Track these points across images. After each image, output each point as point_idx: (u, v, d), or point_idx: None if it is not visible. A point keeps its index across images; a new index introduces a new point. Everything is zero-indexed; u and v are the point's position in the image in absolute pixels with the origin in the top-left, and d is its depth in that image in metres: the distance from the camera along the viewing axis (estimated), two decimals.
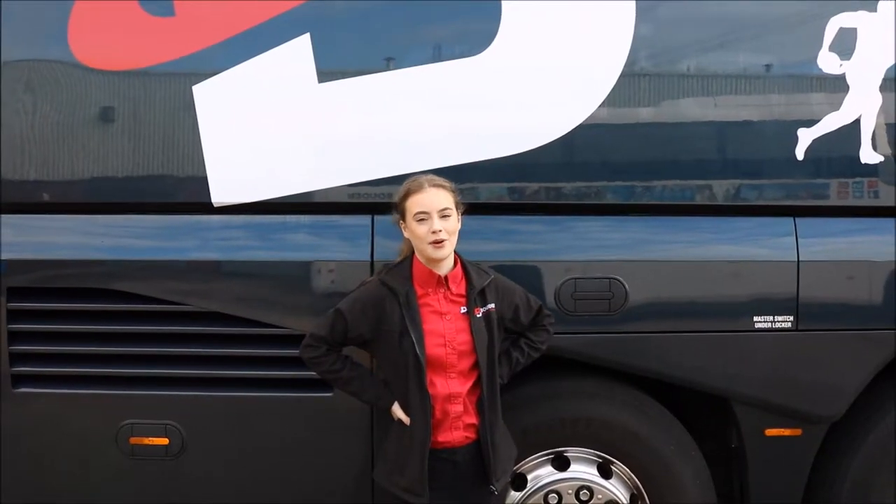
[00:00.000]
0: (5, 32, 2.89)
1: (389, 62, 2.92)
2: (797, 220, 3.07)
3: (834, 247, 3.10)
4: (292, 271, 2.97)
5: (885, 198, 3.08)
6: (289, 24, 2.88)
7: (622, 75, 2.95)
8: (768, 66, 3.05)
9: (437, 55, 2.92)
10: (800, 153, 3.01)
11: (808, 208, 3.08)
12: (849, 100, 3.01)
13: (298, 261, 2.97)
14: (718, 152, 3.06)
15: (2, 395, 2.94)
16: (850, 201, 3.09)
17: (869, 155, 3.04)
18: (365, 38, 2.94)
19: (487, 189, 2.98)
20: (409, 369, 2.44)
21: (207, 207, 2.92)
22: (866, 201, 3.09)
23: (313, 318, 2.80)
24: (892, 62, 3.04)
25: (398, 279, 2.50)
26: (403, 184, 2.55)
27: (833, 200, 3.09)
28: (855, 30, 3.02)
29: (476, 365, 2.48)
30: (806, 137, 3.01)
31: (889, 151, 3.05)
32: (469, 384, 2.50)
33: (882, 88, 3.02)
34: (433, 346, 2.44)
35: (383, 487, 2.57)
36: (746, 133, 3.04)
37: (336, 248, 2.97)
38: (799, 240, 3.06)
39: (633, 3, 2.93)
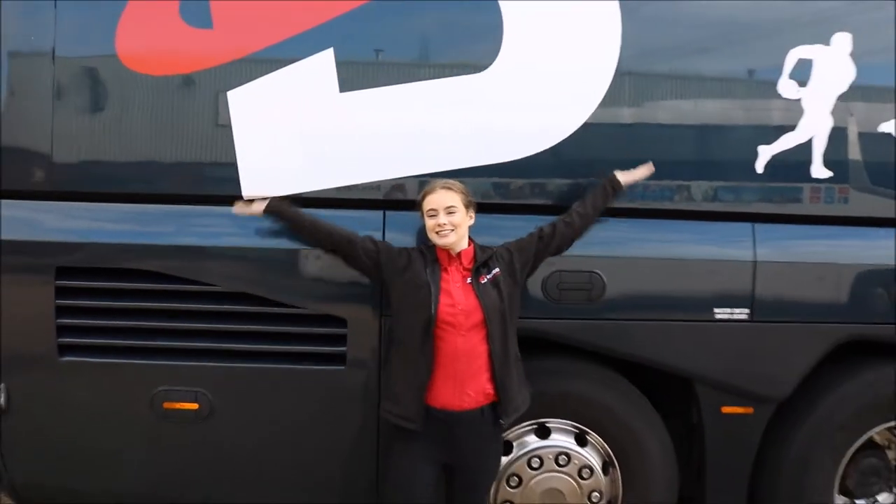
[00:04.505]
0: (59, 33, 3.21)
1: (404, 76, 3.29)
2: (755, 225, 3.50)
3: (786, 249, 3.51)
4: (310, 258, 3.34)
5: (832, 208, 3.51)
6: (315, 40, 3.22)
7: (602, 101, 3.34)
8: (734, 96, 3.46)
9: (448, 72, 3.29)
10: (759, 167, 3.44)
11: (764, 215, 3.50)
12: (804, 122, 3.44)
13: (313, 248, 3.33)
14: (688, 166, 3.46)
15: (49, 363, 3.28)
16: (803, 210, 3.51)
17: (819, 171, 3.47)
18: (382, 54, 3.31)
19: (486, 190, 3.36)
20: (420, 317, 2.89)
21: (238, 199, 3.27)
22: (816, 210, 3.51)
23: (326, 300, 3.29)
24: (843, 90, 3.48)
25: (430, 250, 3.00)
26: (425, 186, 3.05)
27: (787, 209, 3.50)
28: (811, 60, 3.45)
29: (484, 323, 2.91)
30: (765, 154, 3.44)
31: (836, 168, 3.49)
32: (479, 339, 2.91)
33: (832, 113, 3.46)
34: (444, 304, 2.90)
35: (383, 417, 3.06)
36: (714, 150, 3.45)
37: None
38: (756, 242, 3.50)
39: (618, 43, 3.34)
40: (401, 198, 3.28)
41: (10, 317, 3.27)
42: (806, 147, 3.45)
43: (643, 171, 3.29)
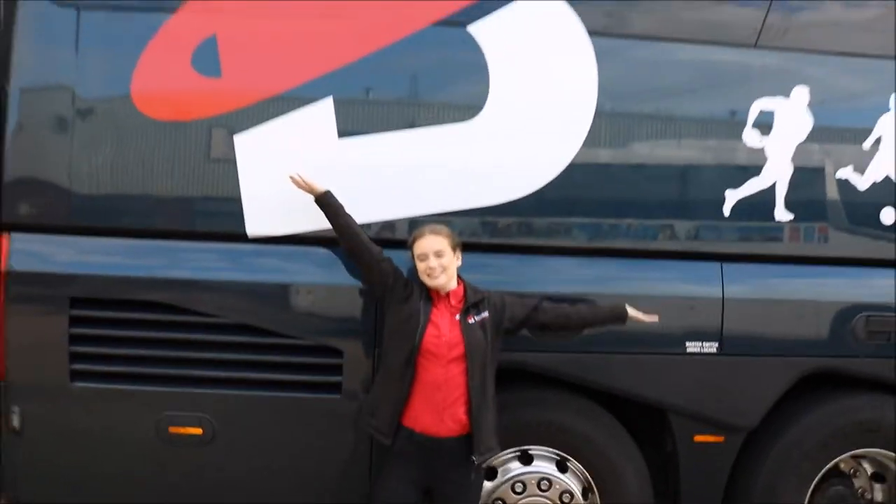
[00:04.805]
0: (78, 80, 3.46)
1: (399, 123, 3.55)
2: (723, 264, 3.76)
3: (752, 287, 3.78)
4: (306, 292, 3.56)
5: (795, 248, 3.79)
6: (315, 89, 3.49)
7: (581, 149, 3.62)
8: (704, 145, 3.75)
9: (437, 120, 3.57)
10: (726, 211, 3.71)
11: (733, 255, 3.76)
12: (766, 169, 3.72)
13: (312, 283, 3.56)
14: (661, 211, 3.73)
15: (62, 388, 3.47)
16: (767, 250, 3.79)
17: (782, 213, 3.75)
18: (379, 103, 3.58)
19: (474, 231, 3.61)
20: (406, 342, 3.14)
21: (243, 237, 3.51)
22: (780, 251, 3.79)
23: (323, 332, 3.53)
24: (803, 139, 3.77)
25: (425, 287, 3.24)
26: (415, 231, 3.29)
27: (753, 249, 3.78)
28: (773, 111, 3.74)
29: (464, 357, 3.14)
30: (732, 198, 3.71)
31: (798, 211, 3.76)
32: (458, 372, 3.14)
33: (793, 160, 3.74)
34: (430, 334, 3.14)
35: (360, 427, 3.33)
36: (684, 197, 3.73)
37: (343, 275, 3.55)
38: (725, 280, 3.75)
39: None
40: (394, 237, 3.52)
41: (26, 344, 3.46)
42: (769, 191, 3.73)
43: (649, 318, 3.48)
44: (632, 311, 3.45)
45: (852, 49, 3.77)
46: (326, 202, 3.37)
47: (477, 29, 3.54)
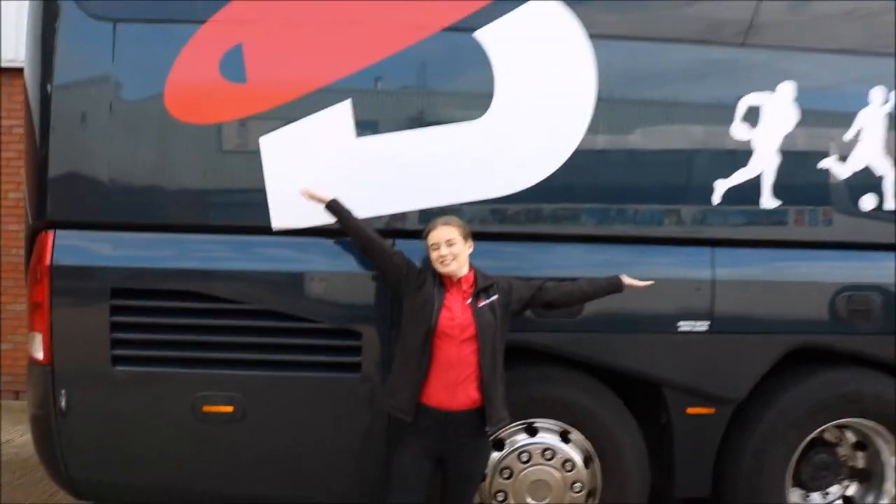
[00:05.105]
0: (115, 88, 3.73)
1: (412, 123, 3.84)
2: (714, 249, 4.05)
3: (741, 270, 4.07)
4: (327, 280, 3.85)
5: (780, 233, 4.07)
6: (335, 92, 3.77)
7: (580, 143, 3.90)
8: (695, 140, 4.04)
9: (448, 119, 3.85)
10: (716, 199, 3.99)
11: (722, 240, 4.04)
12: (754, 160, 4.00)
13: (334, 272, 3.85)
14: (655, 199, 4.00)
15: (104, 372, 3.77)
16: (755, 236, 4.06)
17: (768, 201, 4.03)
18: (393, 104, 3.86)
19: (483, 219, 3.89)
20: (423, 327, 3.43)
21: (268, 230, 3.80)
22: (766, 236, 4.07)
23: (344, 317, 3.83)
24: (789, 130, 4.04)
25: (438, 274, 3.52)
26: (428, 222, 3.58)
27: (742, 235, 4.05)
28: (759, 106, 4.01)
29: (476, 337, 3.43)
30: (720, 187, 3.99)
31: (783, 199, 4.03)
32: (470, 351, 3.43)
33: (779, 151, 4.02)
34: (444, 317, 3.43)
35: (381, 407, 3.63)
36: (679, 186, 4.02)
37: (359, 264, 3.82)
38: (715, 263, 4.04)
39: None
40: (409, 228, 3.81)
41: (71, 331, 3.76)
42: (756, 180, 4.00)
43: (645, 284, 3.74)
44: (627, 280, 3.73)
45: (834, 46, 4.04)
46: (335, 209, 3.68)
47: (483, 34, 3.81)
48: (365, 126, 3.80)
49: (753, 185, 4.01)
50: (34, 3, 3.99)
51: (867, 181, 4.09)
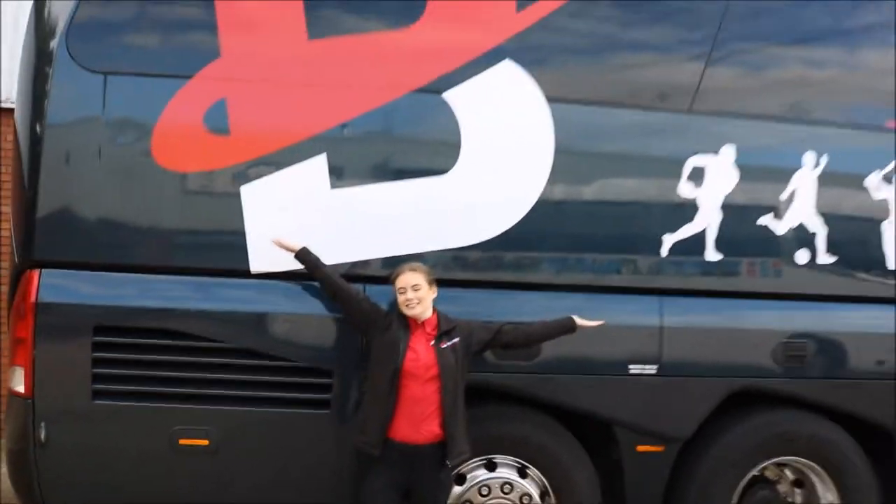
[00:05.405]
0: (104, 136, 3.96)
1: (383, 176, 4.12)
2: (662, 298, 4.36)
3: (688, 318, 4.39)
4: (300, 321, 4.09)
5: (722, 284, 4.41)
6: (311, 147, 4.03)
7: (539, 199, 4.21)
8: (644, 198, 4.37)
9: (418, 172, 4.14)
10: (664, 251, 4.32)
11: (670, 290, 4.37)
12: (697, 216, 4.34)
13: (306, 314, 4.09)
14: (608, 251, 4.34)
15: (84, 405, 3.93)
16: (700, 286, 4.40)
17: (711, 255, 4.36)
18: (365, 157, 4.14)
19: (447, 268, 4.16)
20: (390, 367, 3.68)
21: (247, 273, 4.03)
22: (710, 286, 4.40)
23: (312, 354, 4.06)
24: (730, 190, 4.39)
25: (403, 316, 3.78)
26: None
27: (688, 285, 4.39)
28: (704, 167, 4.36)
29: (438, 377, 3.68)
30: (668, 241, 4.32)
31: (725, 252, 4.37)
32: (433, 390, 3.68)
33: (721, 210, 4.37)
34: (409, 358, 3.69)
35: (355, 445, 3.81)
36: (628, 240, 4.35)
37: (330, 306, 4.04)
38: (663, 311, 4.35)
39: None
40: (378, 274, 4.06)
41: (53, 366, 3.92)
42: (701, 235, 4.34)
43: (596, 323, 4.04)
44: (579, 321, 4.01)
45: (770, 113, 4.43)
46: (304, 258, 3.92)
47: (451, 95, 4.12)
48: (339, 177, 4.07)
49: (698, 239, 4.34)
50: (29, 51, 4.23)
51: (801, 237, 4.45)
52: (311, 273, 3.94)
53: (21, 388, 3.95)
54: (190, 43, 4.09)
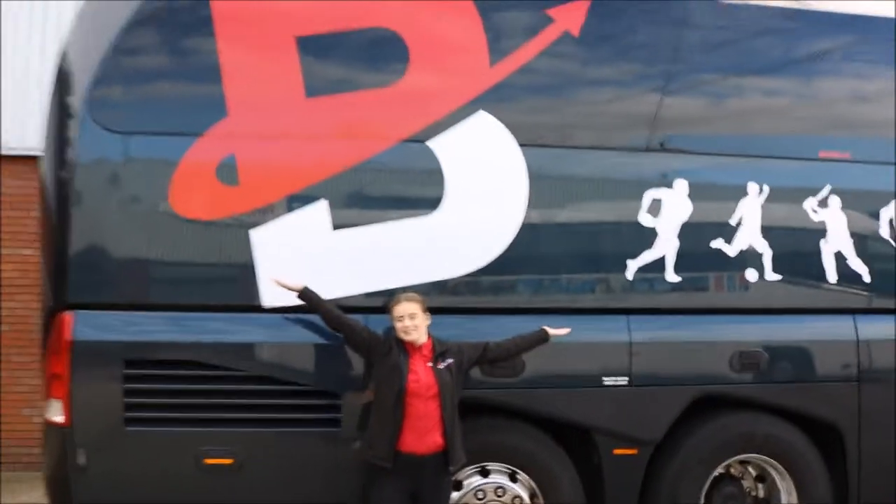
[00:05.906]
0: (126, 189, 4.46)
1: (375, 218, 4.64)
2: (630, 316, 4.91)
3: (653, 334, 4.93)
4: (309, 350, 4.58)
5: (683, 302, 4.96)
6: (314, 194, 4.56)
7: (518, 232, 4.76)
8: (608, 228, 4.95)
9: (407, 214, 4.67)
10: (629, 275, 4.87)
11: (636, 309, 4.92)
12: (657, 243, 4.90)
13: (315, 343, 4.57)
14: (579, 276, 4.90)
15: (118, 431, 4.38)
16: (662, 304, 4.95)
17: (671, 276, 4.92)
18: (363, 202, 4.67)
19: (438, 297, 4.67)
20: (394, 387, 4.15)
21: (259, 308, 4.52)
22: (672, 304, 4.96)
23: (323, 379, 4.52)
24: (687, 218, 4.95)
25: (401, 342, 4.26)
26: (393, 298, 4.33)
27: (652, 304, 4.94)
28: (661, 199, 4.93)
29: (438, 395, 4.18)
30: (632, 266, 4.87)
31: (683, 274, 4.93)
32: (434, 406, 4.17)
33: (678, 236, 4.93)
34: (411, 380, 4.17)
35: (365, 459, 4.23)
36: (595, 264, 4.91)
37: (339, 337, 4.52)
38: (631, 329, 4.89)
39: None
40: (377, 305, 4.56)
41: (88, 397, 4.37)
42: (661, 260, 4.90)
43: (563, 331, 4.57)
44: (550, 330, 4.54)
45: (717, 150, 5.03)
46: (306, 296, 4.39)
47: (434, 143, 4.67)
48: (339, 221, 4.58)
49: (659, 263, 4.90)
50: (55, 113, 4.72)
51: (751, 257, 5.02)
52: (313, 309, 4.41)
53: (60, 419, 4.39)
54: (200, 103, 4.60)
